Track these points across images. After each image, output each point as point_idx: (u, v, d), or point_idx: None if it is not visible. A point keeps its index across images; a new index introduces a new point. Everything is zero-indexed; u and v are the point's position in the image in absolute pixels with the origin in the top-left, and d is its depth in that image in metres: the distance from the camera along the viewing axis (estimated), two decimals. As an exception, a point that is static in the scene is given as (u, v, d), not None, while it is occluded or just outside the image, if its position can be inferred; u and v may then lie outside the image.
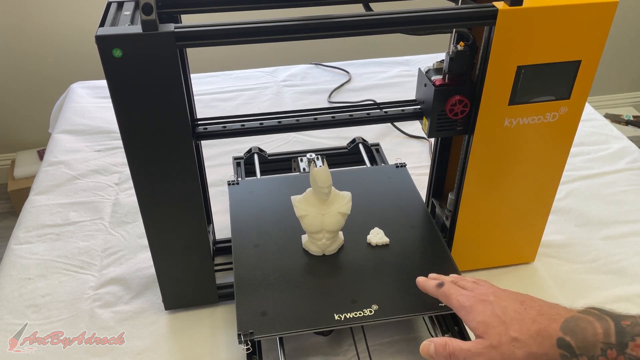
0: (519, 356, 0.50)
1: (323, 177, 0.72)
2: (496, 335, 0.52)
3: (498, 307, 0.54)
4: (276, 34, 0.59)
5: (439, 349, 0.55)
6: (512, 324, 0.52)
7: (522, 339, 0.50)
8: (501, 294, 0.57)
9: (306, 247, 0.78)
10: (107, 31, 0.56)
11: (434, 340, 0.56)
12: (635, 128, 2.32)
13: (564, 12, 0.63)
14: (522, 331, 0.51)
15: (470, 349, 0.53)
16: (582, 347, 0.47)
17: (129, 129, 0.62)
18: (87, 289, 0.86)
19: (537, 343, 0.50)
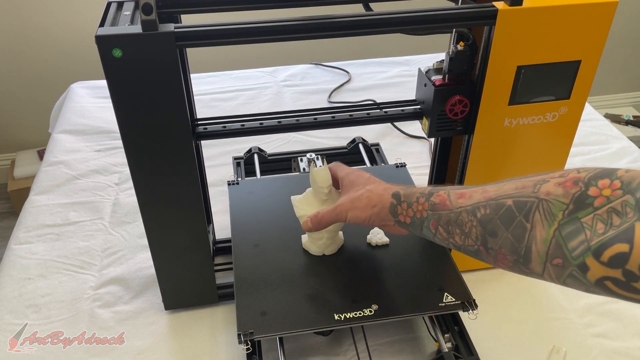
0: (362, 201, 0.64)
1: (323, 177, 0.72)
2: (355, 190, 0.67)
3: (369, 175, 0.69)
4: (276, 34, 0.59)
5: (314, 220, 0.69)
6: (372, 183, 0.66)
7: (373, 190, 0.64)
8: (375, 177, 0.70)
9: (306, 247, 0.78)
10: (107, 31, 0.56)
11: (310, 215, 0.70)
12: (635, 128, 2.32)
13: (563, 12, 0.63)
14: (376, 186, 0.65)
15: (331, 208, 0.67)
16: (406, 196, 0.60)
17: (129, 129, 0.62)
18: (87, 289, 0.86)
19: (379, 193, 0.63)
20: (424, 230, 0.58)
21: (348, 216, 0.65)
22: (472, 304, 0.69)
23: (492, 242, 0.49)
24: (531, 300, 0.84)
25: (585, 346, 0.76)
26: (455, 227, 0.53)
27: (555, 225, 0.43)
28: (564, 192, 0.44)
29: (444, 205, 0.55)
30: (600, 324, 0.80)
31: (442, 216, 0.55)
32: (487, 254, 0.51)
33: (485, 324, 0.76)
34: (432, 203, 0.56)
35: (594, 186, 0.42)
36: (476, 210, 0.51)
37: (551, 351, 0.75)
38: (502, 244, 0.48)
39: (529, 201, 0.46)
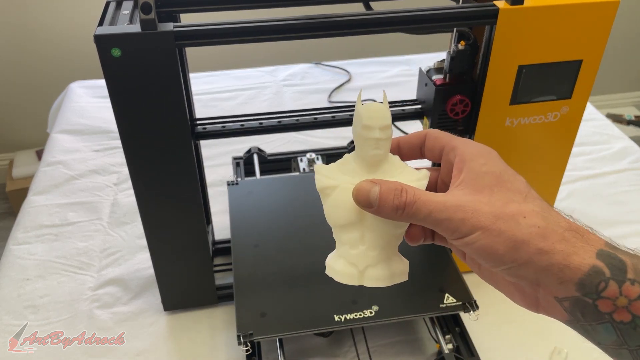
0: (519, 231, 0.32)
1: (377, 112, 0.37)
2: (504, 196, 0.34)
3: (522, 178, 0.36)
4: (276, 33, 0.59)
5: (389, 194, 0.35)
6: (537, 200, 0.34)
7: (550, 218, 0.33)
8: None
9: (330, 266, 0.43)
10: (105, 30, 0.55)
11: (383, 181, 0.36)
12: (637, 128, 2.32)
13: (565, 12, 0.62)
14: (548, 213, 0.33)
15: (447, 202, 0.34)
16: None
17: (128, 129, 0.62)
18: (86, 290, 0.86)
19: (562, 236, 0.32)
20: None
21: (474, 237, 0.33)
22: (473, 305, 0.69)
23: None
24: (532, 301, 0.83)
25: (586, 347, 0.76)
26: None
27: None
28: None
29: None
30: (602, 324, 0.79)
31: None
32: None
33: (487, 325, 0.76)
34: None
35: None
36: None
37: (552, 352, 0.75)
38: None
39: None
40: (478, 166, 0.35)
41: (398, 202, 0.34)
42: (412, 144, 0.41)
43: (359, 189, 0.36)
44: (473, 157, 0.36)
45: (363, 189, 0.36)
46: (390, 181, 0.36)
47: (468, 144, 0.38)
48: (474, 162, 0.36)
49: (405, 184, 0.36)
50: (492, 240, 0.33)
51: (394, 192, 0.35)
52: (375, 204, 0.35)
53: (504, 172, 0.35)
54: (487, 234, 0.33)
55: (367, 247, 0.39)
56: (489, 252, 0.33)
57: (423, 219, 0.34)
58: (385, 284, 0.41)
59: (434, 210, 0.34)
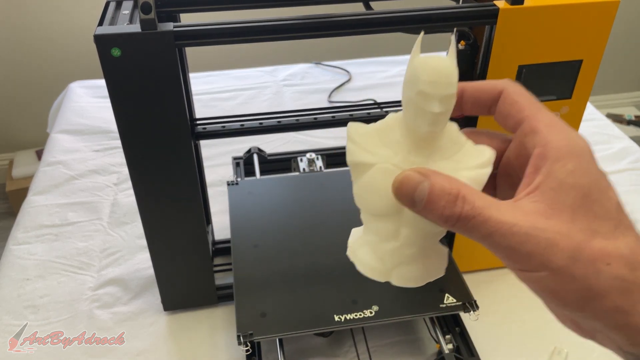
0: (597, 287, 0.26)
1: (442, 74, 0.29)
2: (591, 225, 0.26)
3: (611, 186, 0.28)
4: (276, 33, 0.59)
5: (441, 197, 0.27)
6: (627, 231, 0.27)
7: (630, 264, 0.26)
8: None
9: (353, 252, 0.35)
10: (105, 30, 0.55)
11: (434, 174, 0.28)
12: (637, 128, 2.32)
13: (565, 11, 0.62)
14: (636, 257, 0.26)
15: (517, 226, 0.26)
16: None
17: (128, 129, 0.61)
18: (86, 290, 0.86)
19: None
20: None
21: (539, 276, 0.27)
22: (473, 305, 0.69)
23: None
24: (533, 301, 0.83)
25: (586, 347, 0.76)
26: None
27: None
28: None
29: None
30: (602, 324, 0.79)
31: None
32: None
33: (487, 325, 0.76)
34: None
35: None
36: None
37: (552, 352, 0.75)
38: None
39: None
40: (564, 173, 0.27)
41: (450, 213, 0.27)
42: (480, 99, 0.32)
43: (402, 182, 0.28)
44: (560, 157, 0.27)
45: (408, 183, 0.28)
46: (446, 177, 0.27)
47: (556, 131, 0.28)
48: (559, 165, 0.27)
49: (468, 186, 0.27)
50: (561, 285, 0.26)
51: (448, 197, 0.27)
52: (421, 205, 0.27)
53: (594, 186, 0.27)
54: (557, 277, 0.26)
55: (402, 244, 0.31)
56: (553, 296, 0.27)
57: (480, 238, 0.27)
58: (418, 284, 0.33)
59: (495, 233, 0.26)
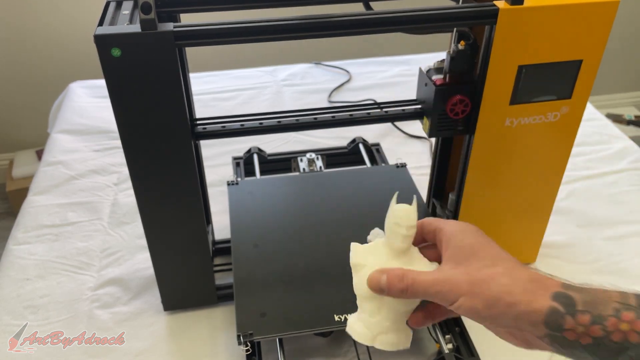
0: (491, 291, 0.40)
1: (406, 214, 0.48)
2: (477, 265, 0.42)
3: (494, 243, 0.45)
4: (276, 33, 0.59)
5: (394, 280, 0.44)
6: (504, 262, 0.42)
7: (511, 275, 0.41)
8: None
9: (351, 326, 0.50)
10: (105, 30, 0.55)
11: (388, 270, 0.46)
12: (637, 128, 2.32)
13: (565, 12, 0.62)
14: (514, 271, 0.41)
15: (435, 279, 0.43)
16: (589, 303, 0.38)
17: (128, 129, 0.62)
18: (86, 290, 0.86)
19: (523, 287, 0.40)
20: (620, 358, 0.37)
21: (459, 303, 0.42)
22: (473, 305, 0.69)
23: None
24: (532, 301, 0.83)
25: (586, 347, 0.76)
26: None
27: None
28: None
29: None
30: (602, 324, 0.79)
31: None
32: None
33: (486, 325, 0.76)
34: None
35: None
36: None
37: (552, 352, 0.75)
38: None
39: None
40: (458, 242, 0.45)
41: (401, 286, 0.44)
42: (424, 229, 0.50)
43: (370, 279, 0.46)
44: (454, 234, 0.45)
45: (374, 279, 0.46)
46: (394, 269, 0.45)
47: (450, 224, 0.47)
48: (455, 239, 0.45)
49: (406, 269, 0.45)
50: (472, 302, 0.41)
51: (398, 277, 0.44)
52: (385, 289, 0.45)
53: (476, 243, 0.44)
54: (467, 298, 0.41)
55: (382, 318, 0.48)
56: (473, 312, 0.42)
57: (423, 295, 0.44)
58: (391, 349, 0.49)
59: (427, 287, 0.43)
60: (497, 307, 0.40)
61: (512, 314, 0.40)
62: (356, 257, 0.50)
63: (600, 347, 0.38)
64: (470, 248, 0.44)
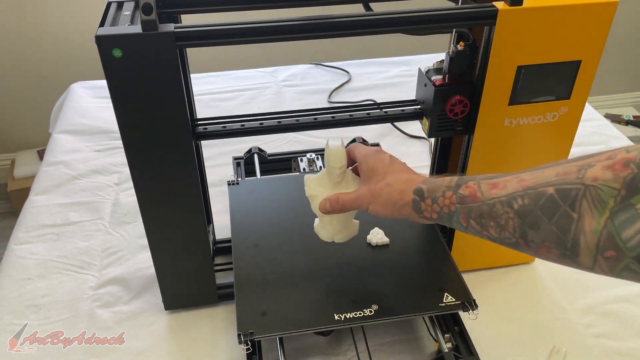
0: (382, 197, 0.60)
1: (336, 156, 0.65)
2: (375, 180, 0.62)
3: (389, 159, 0.63)
4: (276, 34, 0.59)
5: (333, 204, 0.65)
6: (392, 173, 0.61)
7: (392, 184, 0.60)
8: (396, 158, 0.65)
9: (316, 231, 0.71)
10: (107, 31, 0.56)
11: (329, 197, 0.65)
12: (636, 128, 2.32)
13: (564, 12, 0.62)
14: (396, 179, 0.60)
15: (353, 197, 0.63)
16: (430, 191, 0.56)
17: (129, 129, 0.62)
18: (87, 289, 0.86)
19: (399, 189, 0.59)
20: (453, 224, 0.54)
21: (369, 209, 0.62)
22: (472, 304, 0.69)
23: (533, 235, 0.45)
24: (531, 300, 0.84)
25: (585, 346, 0.76)
26: (489, 219, 0.49)
27: (606, 214, 0.39)
28: (614, 176, 0.39)
29: (475, 197, 0.51)
30: (601, 324, 0.79)
31: (473, 209, 0.51)
32: (528, 247, 0.47)
33: (486, 324, 0.76)
34: (460, 195, 0.52)
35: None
36: (512, 201, 0.47)
37: (551, 351, 0.75)
38: (545, 236, 0.44)
39: (573, 188, 0.42)
40: (364, 166, 0.64)
41: (337, 206, 0.65)
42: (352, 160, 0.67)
43: (320, 206, 0.66)
44: (362, 161, 0.64)
45: (322, 205, 0.66)
46: (331, 196, 0.65)
47: (361, 153, 0.65)
48: (363, 164, 0.64)
49: (338, 193, 0.65)
50: (375, 207, 0.61)
51: (334, 201, 0.65)
52: (330, 209, 0.65)
53: (375, 164, 0.62)
54: (372, 205, 0.61)
55: (335, 224, 0.70)
56: (378, 213, 0.61)
57: (350, 208, 0.64)
58: (345, 240, 0.71)
59: (351, 203, 0.63)
60: (388, 206, 0.60)
61: (397, 208, 0.59)
62: (310, 190, 0.69)
63: (442, 217, 0.55)
64: (371, 170, 0.63)
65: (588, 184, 0.41)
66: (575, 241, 0.42)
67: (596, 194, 0.40)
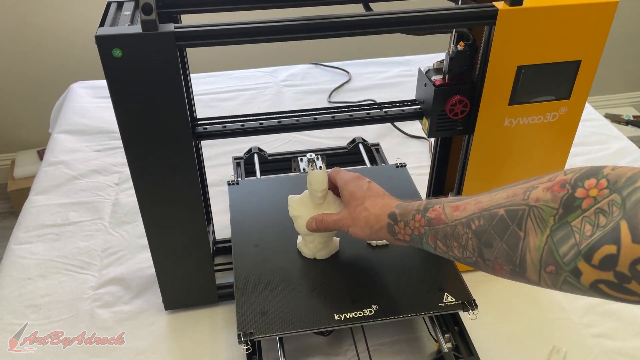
0: (361, 220, 0.65)
1: (318, 180, 0.71)
2: (354, 204, 0.67)
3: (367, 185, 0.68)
4: (276, 34, 0.59)
5: (319, 223, 0.71)
6: (369, 199, 0.66)
7: (369, 208, 0.65)
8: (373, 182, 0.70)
9: (299, 248, 0.77)
10: (107, 31, 0.56)
11: (315, 216, 0.71)
12: (635, 128, 2.32)
13: (564, 12, 0.62)
14: (373, 204, 0.65)
15: (336, 219, 0.69)
16: (402, 215, 0.60)
17: (129, 129, 0.62)
18: (87, 289, 0.86)
19: (376, 213, 0.64)
20: (424, 245, 0.59)
21: (349, 231, 0.68)
22: (472, 304, 0.69)
23: (488, 253, 0.49)
24: (531, 300, 0.84)
25: (585, 346, 0.76)
26: (453, 240, 0.53)
27: (547, 231, 0.43)
28: (552, 196, 0.43)
29: (440, 220, 0.55)
30: (601, 324, 0.79)
31: (439, 230, 0.55)
32: (485, 265, 0.51)
33: (486, 324, 0.76)
34: (428, 218, 0.57)
35: (581, 187, 0.42)
36: (470, 222, 0.51)
37: (551, 351, 0.75)
38: (498, 254, 0.48)
39: (520, 209, 0.46)
40: (344, 192, 0.69)
41: (321, 226, 0.71)
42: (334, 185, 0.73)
43: (307, 225, 0.72)
44: (343, 186, 0.70)
45: (309, 224, 0.72)
46: (316, 216, 0.71)
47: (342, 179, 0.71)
48: (344, 190, 0.70)
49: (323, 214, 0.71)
50: (354, 229, 0.67)
51: (318, 221, 0.71)
52: (315, 229, 0.71)
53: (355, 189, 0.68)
54: (352, 227, 0.67)
55: (316, 243, 0.75)
56: (357, 234, 0.67)
57: (332, 228, 0.71)
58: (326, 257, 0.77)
59: (334, 224, 0.70)
60: (365, 229, 0.65)
61: (374, 231, 0.64)
62: (293, 210, 0.75)
63: (413, 239, 0.60)
64: (350, 195, 0.68)
65: (532, 205, 0.45)
66: (522, 258, 0.46)
67: (538, 214, 0.44)
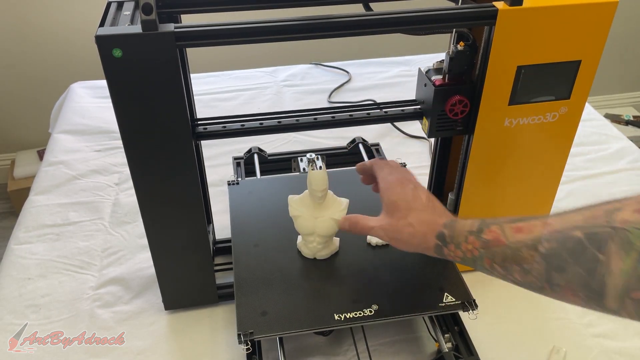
0: (404, 235, 0.61)
1: (318, 180, 0.71)
2: (397, 216, 0.63)
3: (412, 193, 0.64)
4: (276, 34, 0.59)
5: (352, 225, 0.67)
6: (414, 212, 0.62)
7: (415, 224, 0.61)
8: (420, 185, 0.66)
9: (299, 247, 0.77)
10: (107, 31, 0.56)
11: (349, 217, 0.68)
12: (635, 128, 2.32)
13: (564, 12, 0.63)
14: (418, 220, 0.61)
15: (373, 226, 0.65)
16: (452, 237, 0.57)
17: (129, 129, 0.62)
18: (87, 289, 0.86)
19: (422, 232, 0.60)
20: (477, 267, 0.55)
21: (390, 243, 0.64)
22: (472, 304, 0.69)
23: (559, 278, 0.45)
24: (531, 300, 0.83)
25: (585, 346, 0.76)
26: (513, 263, 0.50)
27: (634, 255, 0.40)
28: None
29: (498, 241, 0.51)
30: (601, 324, 0.79)
31: (497, 253, 0.51)
32: (552, 290, 0.47)
33: (486, 324, 0.76)
34: (484, 240, 0.53)
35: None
36: (538, 245, 0.47)
37: (551, 351, 0.75)
38: (571, 278, 0.44)
39: (602, 232, 0.42)
40: (386, 198, 0.64)
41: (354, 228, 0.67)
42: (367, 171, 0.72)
43: (341, 225, 0.70)
44: (385, 191, 0.65)
45: (342, 223, 0.69)
46: (351, 216, 0.68)
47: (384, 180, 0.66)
48: (385, 196, 0.65)
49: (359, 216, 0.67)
50: (398, 244, 0.63)
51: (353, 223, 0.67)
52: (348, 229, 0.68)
53: (399, 199, 0.63)
54: (394, 241, 0.63)
55: (316, 243, 0.75)
56: (401, 248, 0.62)
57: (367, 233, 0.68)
58: (326, 257, 0.76)
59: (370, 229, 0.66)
60: (410, 246, 0.62)
61: (419, 250, 0.61)
62: (293, 210, 0.74)
63: (465, 260, 0.56)
64: (393, 204, 0.63)
65: (618, 227, 0.41)
66: (601, 282, 0.42)
67: (625, 236, 0.41)
